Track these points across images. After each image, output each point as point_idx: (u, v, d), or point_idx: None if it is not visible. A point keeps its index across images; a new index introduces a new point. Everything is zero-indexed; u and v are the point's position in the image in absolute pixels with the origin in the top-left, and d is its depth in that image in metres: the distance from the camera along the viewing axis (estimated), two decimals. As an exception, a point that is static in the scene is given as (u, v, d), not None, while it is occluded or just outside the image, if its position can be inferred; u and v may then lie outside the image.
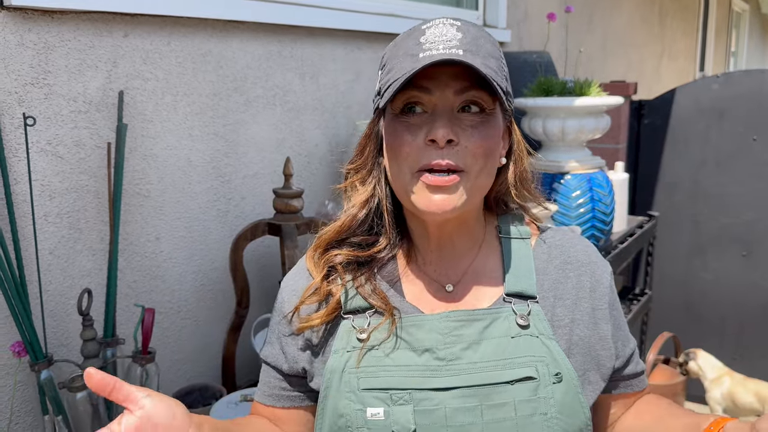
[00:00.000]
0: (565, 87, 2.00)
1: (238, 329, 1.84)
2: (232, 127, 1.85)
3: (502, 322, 0.83)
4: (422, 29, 0.81)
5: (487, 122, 0.80)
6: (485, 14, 3.13)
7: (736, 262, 2.93)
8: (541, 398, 0.79)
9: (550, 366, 0.81)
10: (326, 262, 0.89)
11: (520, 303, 0.85)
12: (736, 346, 2.99)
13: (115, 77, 1.54)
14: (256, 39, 1.89)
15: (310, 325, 0.87)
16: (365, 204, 0.88)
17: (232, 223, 1.88)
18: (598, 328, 0.87)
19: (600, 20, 4.59)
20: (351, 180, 0.90)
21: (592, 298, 0.88)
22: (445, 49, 0.76)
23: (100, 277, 1.55)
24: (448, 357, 0.81)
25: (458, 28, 0.79)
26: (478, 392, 0.79)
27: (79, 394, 1.38)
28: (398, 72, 0.78)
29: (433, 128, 0.77)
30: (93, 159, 1.52)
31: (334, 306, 0.87)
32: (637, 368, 0.94)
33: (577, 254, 0.91)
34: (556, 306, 0.86)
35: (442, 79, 0.78)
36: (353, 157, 0.90)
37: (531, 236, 0.92)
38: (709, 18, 8.88)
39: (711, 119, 2.93)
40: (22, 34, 1.36)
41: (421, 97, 0.79)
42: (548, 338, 0.83)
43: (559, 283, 0.88)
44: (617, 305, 0.93)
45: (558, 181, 1.97)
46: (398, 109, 0.81)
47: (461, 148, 0.78)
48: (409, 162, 0.79)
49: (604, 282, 0.90)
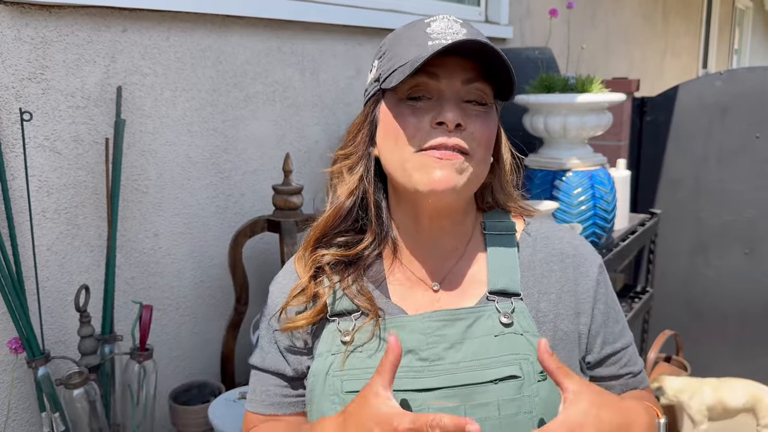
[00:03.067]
0: (567, 84, 1.98)
1: (237, 326, 1.83)
2: (232, 123, 1.84)
3: (485, 321, 0.82)
4: (426, 22, 0.81)
5: (488, 114, 0.82)
6: (487, 10, 3.11)
7: (739, 259, 2.92)
8: (525, 396, 0.78)
9: (535, 364, 0.79)
10: (314, 262, 0.88)
11: (503, 301, 0.84)
12: (737, 344, 2.97)
13: (113, 72, 1.53)
14: (255, 34, 1.88)
15: (295, 326, 0.86)
16: (351, 194, 0.87)
17: (232, 219, 1.87)
18: (580, 322, 0.86)
19: (603, 17, 4.57)
20: (339, 166, 0.89)
21: (575, 292, 0.86)
22: (453, 40, 0.76)
23: (98, 274, 1.54)
24: (431, 357, 0.81)
25: (462, 24, 0.81)
26: (459, 392, 0.79)
27: (76, 391, 1.37)
28: (404, 58, 0.78)
29: (442, 111, 0.78)
30: (91, 155, 1.51)
31: (321, 308, 0.86)
32: (620, 371, 0.90)
33: (563, 246, 0.89)
34: (541, 301, 0.85)
35: (450, 67, 0.79)
36: (344, 142, 0.90)
37: (516, 231, 0.91)
38: (712, 15, 8.85)
39: (714, 116, 2.91)
40: (19, 29, 1.35)
41: (429, 83, 0.79)
42: (533, 335, 0.82)
43: (543, 277, 0.86)
44: (607, 300, 0.89)
45: (559, 179, 1.95)
46: (404, 95, 0.81)
47: (468, 133, 0.79)
48: (414, 142, 0.79)
49: (590, 275, 0.88)
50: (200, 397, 1.71)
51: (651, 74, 6.00)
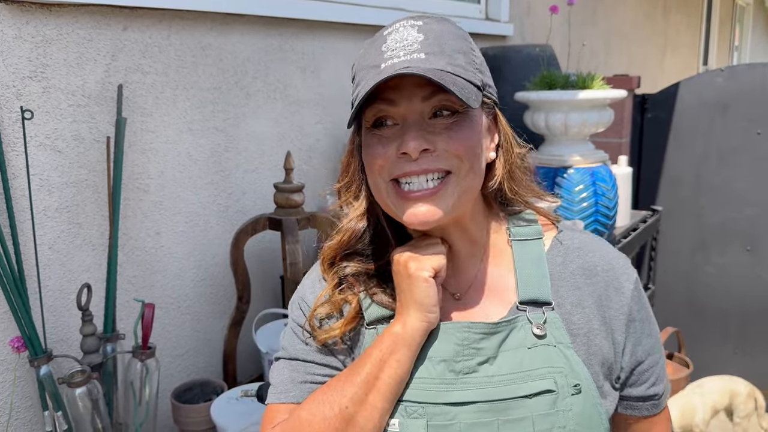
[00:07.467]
0: (568, 80, 1.98)
1: (239, 324, 1.83)
2: (233, 121, 1.83)
3: (517, 332, 0.80)
4: (384, 36, 0.78)
5: (462, 122, 0.77)
6: (488, 8, 3.11)
7: (740, 256, 2.92)
8: (559, 411, 0.76)
9: (569, 377, 0.77)
10: (335, 273, 0.87)
11: (534, 311, 0.81)
12: (738, 341, 2.97)
13: (114, 71, 1.53)
14: (256, 32, 1.87)
15: (330, 336, 0.84)
16: (361, 218, 0.86)
17: (233, 217, 1.87)
18: (613, 339, 0.82)
19: (603, 14, 4.56)
20: (345, 198, 0.87)
21: (609, 307, 0.83)
22: (406, 56, 0.74)
23: (100, 272, 1.54)
24: (464, 370, 0.78)
25: (419, 29, 0.77)
26: (494, 407, 0.76)
27: (78, 390, 1.37)
28: (363, 87, 0.75)
29: (403, 141, 0.75)
30: (92, 153, 1.51)
31: (353, 315, 0.84)
32: (647, 392, 0.86)
33: (596, 260, 0.85)
34: (573, 313, 0.82)
35: (407, 88, 0.75)
36: (340, 175, 0.88)
37: (544, 236, 0.87)
38: (712, 12, 8.84)
39: (715, 113, 2.91)
40: (19, 27, 1.35)
41: (388, 110, 0.77)
42: (566, 347, 0.79)
43: (576, 289, 0.83)
44: (641, 317, 0.85)
45: (561, 176, 1.95)
46: (370, 123, 0.79)
47: (440, 153, 0.75)
48: (384, 172, 0.77)
49: (623, 291, 0.84)
50: (202, 395, 1.71)
51: (652, 71, 5.99)
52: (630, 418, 0.87)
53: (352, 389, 0.78)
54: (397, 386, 0.78)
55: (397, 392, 0.78)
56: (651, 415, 0.87)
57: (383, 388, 0.77)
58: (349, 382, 0.79)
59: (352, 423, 0.77)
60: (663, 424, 0.89)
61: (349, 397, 0.78)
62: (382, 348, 0.78)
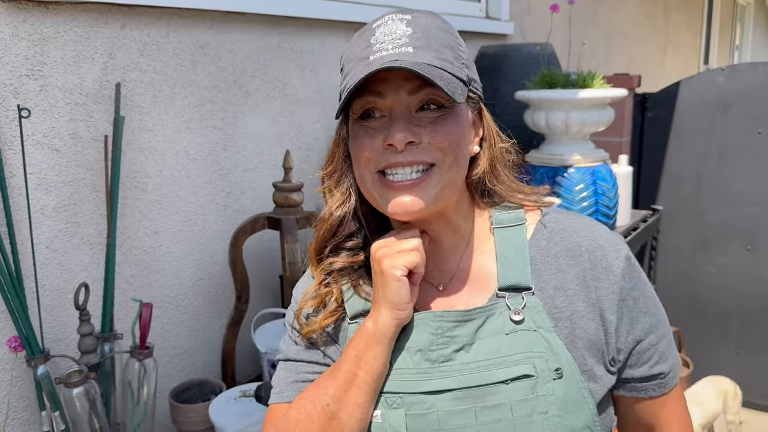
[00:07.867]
0: (569, 79, 1.97)
1: (237, 324, 1.82)
2: (231, 119, 1.83)
3: (495, 319, 0.80)
4: (372, 28, 0.80)
5: (448, 116, 0.78)
6: (488, 6, 3.10)
7: (741, 256, 2.91)
8: (540, 396, 0.76)
9: (550, 361, 0.77)
10: (323, 269, 0.88)
11: (514, 296, 0.81)
12: (739, 340, 2.97)
13: (111, 69, 1.52)
14: (255, 31, 1.87)
15: (312, 329, 0.87)
16: (340, 207, 0.86)
17: (232, 216, 1.87)
18: (603, 320, 0.80)
19: (604, 13, 4.56)
20: (327, 185, 0.88)
21: (597, 288, 0.81)
22: (394, 49, 0.75)
23: (98, 272, 1.54)
24: (439, 359, 0.79)
25: (408, 22, 0.78)
26: (470, 394, 0.77)
27: (76, 390, 1.37)
28: (351, 78, 0.76)
29: (390, 133, 0.76)
30: (90, 152, 1.50)
31: (333, 309, 0.86)
32: (650, 371, 0.83)
33: (580, 240, 0.84)
34: (556, 297, 0.81)
35: (395, 81, 0.76)
36: (325, 162, 0.89)
37: (527, 222, 0.87)
38: (713, 11, 8.83)
39: (715, 112, 2.90)
40: (16, 25, 1.35)
41: (376, 101, 0.78)
42: (547, 331, 0.79)
43: (559, 272, 0.82)
44: (635, 295, 0.82)
45: (561, 175, 1.94)
46: (357, 115, 0.80)
47: (425, 145, 0.77)
48: (371, 164, 0.79)
49: (614, 270, 0.82)
50: (201, 395, 1.70)
51: (652, 71, 5.98)
52: (637, 400, 0.85)
53: (333, 387, 0.81)
54: (375, 382, 0.79)
55: (376, 387, 0.80)
56: (658, 395, 0.84)
57: (362, 384, 0.79)
58: (331, 380, 0.82)
59: (335, 419, 0.80)
60: (673, 404, 0.86)
61: (330, 394, 0.80)
62: (357, 346, 0.80)
